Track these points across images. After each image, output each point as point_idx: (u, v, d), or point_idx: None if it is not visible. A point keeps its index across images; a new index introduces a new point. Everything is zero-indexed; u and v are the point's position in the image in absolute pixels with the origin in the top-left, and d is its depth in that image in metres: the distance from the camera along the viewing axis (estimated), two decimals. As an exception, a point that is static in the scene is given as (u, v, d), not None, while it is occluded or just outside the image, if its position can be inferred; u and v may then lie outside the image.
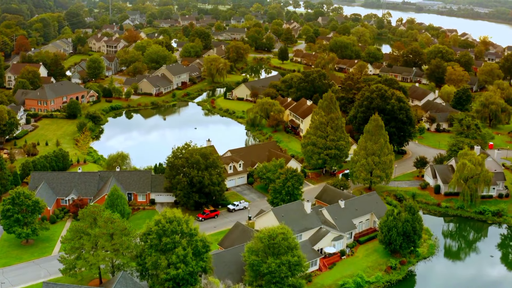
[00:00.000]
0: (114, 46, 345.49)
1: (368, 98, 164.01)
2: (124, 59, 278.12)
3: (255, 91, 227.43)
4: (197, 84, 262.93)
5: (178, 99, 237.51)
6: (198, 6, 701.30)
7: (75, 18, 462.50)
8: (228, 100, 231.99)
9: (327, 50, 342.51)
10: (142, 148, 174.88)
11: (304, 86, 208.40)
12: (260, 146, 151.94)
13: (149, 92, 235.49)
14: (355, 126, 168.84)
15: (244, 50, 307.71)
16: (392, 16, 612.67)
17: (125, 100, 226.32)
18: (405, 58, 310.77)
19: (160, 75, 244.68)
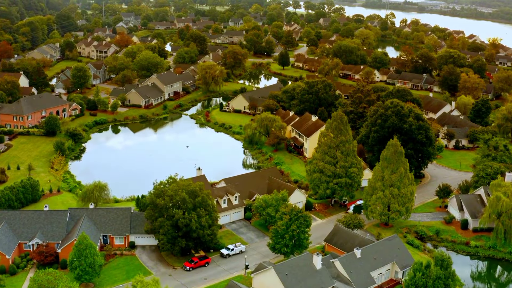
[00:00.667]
0: (104, 51, 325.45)
1: (382, 115, 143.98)
2: (112, 66, 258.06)
3: (253, 103, 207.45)
4: (191, 93, 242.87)
5: (170, 111, 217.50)
6: (195, 7, 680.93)
7: (65, 21, 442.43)
8: (224, 113, 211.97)
9: (330, 54, 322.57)
10: (126, 171, 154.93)
11: (307, 98, 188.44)
12: (259, 174, 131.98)
13: (138, 104, 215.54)
14: (368, 147, 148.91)
15: (242, 56, 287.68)
16: (395, 17, 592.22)
17: (111, 113, 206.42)
18: (415, 63, 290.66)
19: (150, 85, 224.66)
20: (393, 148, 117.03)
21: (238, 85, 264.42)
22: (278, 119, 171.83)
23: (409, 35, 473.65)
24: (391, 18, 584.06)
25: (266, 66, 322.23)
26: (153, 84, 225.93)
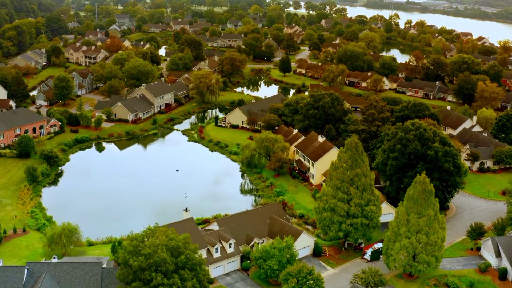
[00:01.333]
0: (93, 57, 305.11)
1: (402, 139, 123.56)
2: (99, 74, 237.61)
3: (252, 118, 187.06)
4: (184, 105, 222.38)
5: (160, 126, 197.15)
6: (193, 8, 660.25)
7: (56, 24, 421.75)
8: (219, 128, 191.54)
9: (334, 60, 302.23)
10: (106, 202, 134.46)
11: (313, 113, 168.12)
12: (258, 212, 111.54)
13: (124, 118, 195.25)
14: (385, 177, 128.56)
15: (240, 62, 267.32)
16: (400, 18, 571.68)
17: (94, 130, 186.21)
18: (426, 70, 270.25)
19: (138, 97, 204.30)
20: (421, 186, 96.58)
21: (236, 95, 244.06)
22: (280, 139, 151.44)
23: (415, 37, 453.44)
24: (395, 19, 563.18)
25: (266, 72, 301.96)
26: (142, 96, 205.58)
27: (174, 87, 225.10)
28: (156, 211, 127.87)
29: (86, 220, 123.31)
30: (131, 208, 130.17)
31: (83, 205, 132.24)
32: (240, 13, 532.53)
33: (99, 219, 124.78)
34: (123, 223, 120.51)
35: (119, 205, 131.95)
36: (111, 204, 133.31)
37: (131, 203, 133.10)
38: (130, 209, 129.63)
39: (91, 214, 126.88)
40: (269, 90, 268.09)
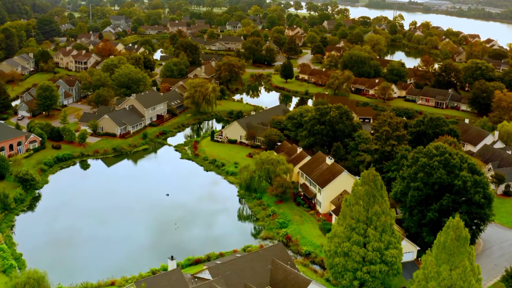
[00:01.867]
0: (83, 62, 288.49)
1: (424, 167, 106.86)
2: (87, 82, 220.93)
3: (252, 132, 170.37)
4: (178, 116, 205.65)
5: (151, 140, 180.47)
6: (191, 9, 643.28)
7: (47, 26, 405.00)
8: (216, 144, 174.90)
9: (339, 64, 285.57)
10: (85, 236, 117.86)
11: (319, 129, 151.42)
12: (258, 256, 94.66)
13: (112, 133, 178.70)
14: (405, 209, 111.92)
15: (239, 68, 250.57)
16: (404, 19, 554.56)
17: (78, 145, 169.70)
18: (437, 76, 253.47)
19: (128, 108, 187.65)
20: (454, 232, 79.87)
21: (234, 104, 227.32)
22: (283, 160, 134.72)
23: (421, 39, 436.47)
24: (400, 21, 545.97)
25: (266, 78, 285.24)
26: (132, 107, 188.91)
27: (167, 96, 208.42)
28: (141, 250, 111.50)
29: (61, 259, 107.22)
30: (113, 243, 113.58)
31: (60, 238, 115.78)
32: (239, 14, 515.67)
33: (75, 258, 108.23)
34: (103, 265, 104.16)
35: (100, 240, 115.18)
36: (92, 237, 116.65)
37: (114, 236, 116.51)
38: (112, 244, 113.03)
39: (66, 252, 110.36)
40: (269, 98, 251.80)
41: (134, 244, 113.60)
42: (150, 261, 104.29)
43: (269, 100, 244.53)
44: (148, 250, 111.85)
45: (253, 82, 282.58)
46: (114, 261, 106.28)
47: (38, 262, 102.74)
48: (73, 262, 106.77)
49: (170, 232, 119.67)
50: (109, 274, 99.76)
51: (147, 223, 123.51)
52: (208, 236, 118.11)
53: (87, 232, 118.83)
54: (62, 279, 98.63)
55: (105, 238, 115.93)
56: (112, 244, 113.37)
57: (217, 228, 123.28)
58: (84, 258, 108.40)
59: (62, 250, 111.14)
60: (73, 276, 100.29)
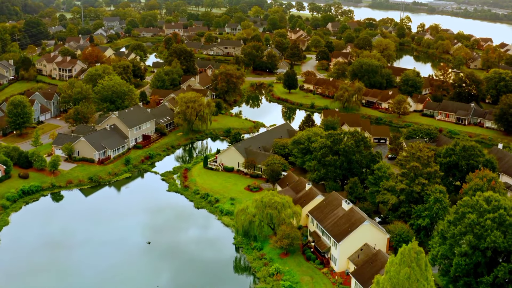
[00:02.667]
0: (68, 70, 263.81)
1: (473, 226, 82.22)
2: (67, 95, 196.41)
3: (251, 159, 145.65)
4: (167, 135, 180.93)
5: (135, 166, 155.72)
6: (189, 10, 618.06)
7: (35, 29, 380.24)
8: (209, 172, 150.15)
9: (347, 73, 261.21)
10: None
11: (331, 160, 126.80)
12: None
13: (89, 158, 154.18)
14: (447, 278, 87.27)
15: (238, 78, 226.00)
16: (412, 21, 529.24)
17: (50, 174, 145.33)
18: (457, 88, 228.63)
19: (109, 128, 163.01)
20: None
21: (231, 120, 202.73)
22: (289, 202, 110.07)
23: (431, 43, 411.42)
24: (407, 23, 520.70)
25: (268, 88, 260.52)
26: (114, 127, 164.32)
27: (155, 113, 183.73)
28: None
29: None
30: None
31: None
32: (239, 16, 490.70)
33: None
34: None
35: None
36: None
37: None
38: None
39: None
40: (271, 111, 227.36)
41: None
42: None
43: (271, 114, 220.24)
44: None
45: (253, 93, 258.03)
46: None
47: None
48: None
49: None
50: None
51: (124, 282, 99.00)
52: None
53: (48, 281, 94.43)
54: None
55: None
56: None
57: (208, 284, 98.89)
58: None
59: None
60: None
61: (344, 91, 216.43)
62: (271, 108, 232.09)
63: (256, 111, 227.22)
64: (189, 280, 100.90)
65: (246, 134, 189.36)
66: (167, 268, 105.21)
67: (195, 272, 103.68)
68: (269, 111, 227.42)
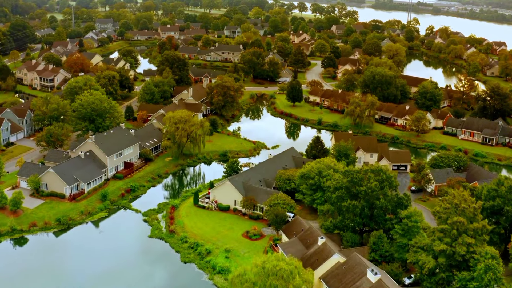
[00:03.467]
0: (49, 80, 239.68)
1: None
2: (41, 113, 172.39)
3: (250, 198, 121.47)
4: (153, 161, 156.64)
5: (112, 203, 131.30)
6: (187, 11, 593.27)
7: (21, 32, 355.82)
8: (200, 212, 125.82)
9: (356, 82, 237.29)
10: None
11: (350, 206, 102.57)
12: None
13: (59, 193, 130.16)
14: None
15: (236, 91, 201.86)
16: (420, 23, 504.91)
17: (11, 214, 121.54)
18: (482, 102, 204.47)
19: (83, 155, 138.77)
20: None
21: (228, 140, 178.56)
22: (298, 268, 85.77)
23: (443, 48, 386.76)
24: (415, 25, 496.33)
25: (269, 100, 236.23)
26: (90, 153, 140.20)
27: (140, 134, 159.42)
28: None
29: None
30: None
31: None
32: (239, 18, 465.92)
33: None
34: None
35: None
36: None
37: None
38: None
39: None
40: (273, 127, 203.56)
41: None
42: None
43: (274, 132, 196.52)
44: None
45: (253, 105, 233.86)
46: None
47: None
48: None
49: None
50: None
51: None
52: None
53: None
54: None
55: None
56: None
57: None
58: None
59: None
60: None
61: (356, 106, 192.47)
62: (274, 124, 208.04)
63: (257, 128, 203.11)
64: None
65: (245, 157, 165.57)
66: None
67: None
68: (271, 127, 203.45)
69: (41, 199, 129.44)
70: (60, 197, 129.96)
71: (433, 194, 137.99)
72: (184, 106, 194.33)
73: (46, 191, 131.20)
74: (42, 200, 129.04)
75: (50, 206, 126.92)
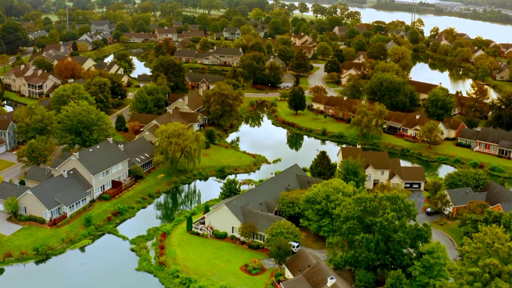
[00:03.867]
0: (38, 86, 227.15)
1: None
2: (24, 125, 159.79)
3: (250, 226, 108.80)
4: (144, 179, 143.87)
5: (97, 229, 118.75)
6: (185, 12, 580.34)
7: (12, 35, 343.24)
8: (195, 239, 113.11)
9: (362, 88, 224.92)
10: None
11: (364, 241, 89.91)
12: None
13: (39, 217, 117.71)
14: None
15: (234, 100, 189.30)
16: (424, 25, 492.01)
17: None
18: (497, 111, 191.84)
19: (66, 175, 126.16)
20: None
21: (226, 153, 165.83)
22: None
23: (449, 50, 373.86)
24: (419, 26, 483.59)
25: (270, 108, 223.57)
26: (74, 172, 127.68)
27: (130, 149, 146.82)
28: None
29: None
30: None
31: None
32: (238, 19, 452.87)
33: None
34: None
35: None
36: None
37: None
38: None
39: None
40: (275, 137, 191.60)
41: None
42: None
43: (275, 143, 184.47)
44: None
45: (253, 113, 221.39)
46: None
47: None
48: None
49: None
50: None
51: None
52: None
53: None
54: None
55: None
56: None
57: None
58: None
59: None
60: None
61: (363, 115, 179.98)
62: (275, 134, 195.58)
63: (257, 138, 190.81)
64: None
65: (244, 173, 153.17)
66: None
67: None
68: (272, 138, 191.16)
69: (19, 224, 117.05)
70: (40, 222, 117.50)
71: (451, 217, 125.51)
72: (179, 116, 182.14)
73: (24, 215, 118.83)
74: (20, 226, 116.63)
75: (28, 232, 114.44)
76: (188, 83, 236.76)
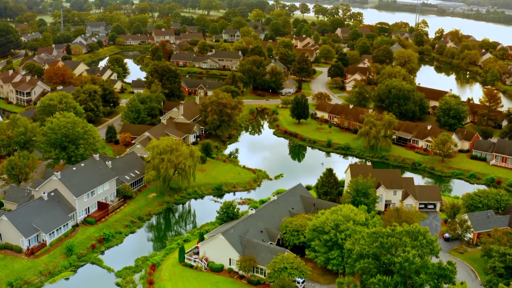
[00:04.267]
0: (26, 93, 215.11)
1: None
2: (5, 138, 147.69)
3: (250, 259, 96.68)
4: (133, 199, 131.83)
5: (79, 258, 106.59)
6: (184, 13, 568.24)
7: (3, 37, 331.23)
8: (187, 272, 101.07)
9: (368, 95, 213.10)
10: None
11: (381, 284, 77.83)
12: None
13: (15, 245, 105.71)
14: None
15: (233, 109, 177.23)
16: (429, 26, 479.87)
17: None
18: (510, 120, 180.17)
19: (47, 197, 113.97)
20: None
21: (224, 168, 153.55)
22: None
23: (456, 53, 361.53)
24: (423, 28, 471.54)
25: (271, 116, 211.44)
26: (55, 194, 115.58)
27: (118, 166, 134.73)
28: None
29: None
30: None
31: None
32: (238, 20, 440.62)
33: None
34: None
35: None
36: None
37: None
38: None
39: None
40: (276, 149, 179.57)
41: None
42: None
43: (276, 156, 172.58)
44: None
45: (253, 121, 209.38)
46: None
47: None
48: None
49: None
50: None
51: None
52: None
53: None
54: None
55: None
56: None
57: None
58: None
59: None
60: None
61: (371, 126, 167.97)
62: (276, 146, 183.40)
63: (257, 150, 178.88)
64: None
65: (243, 191, 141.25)
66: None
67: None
68: (273, 150, 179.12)
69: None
70: (16, 251, 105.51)
71: (472, 243, 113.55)
72: (174, 126, 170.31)
73: (1, 242, 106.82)
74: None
75: (2, 263, 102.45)
76: (184, 89, 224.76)
